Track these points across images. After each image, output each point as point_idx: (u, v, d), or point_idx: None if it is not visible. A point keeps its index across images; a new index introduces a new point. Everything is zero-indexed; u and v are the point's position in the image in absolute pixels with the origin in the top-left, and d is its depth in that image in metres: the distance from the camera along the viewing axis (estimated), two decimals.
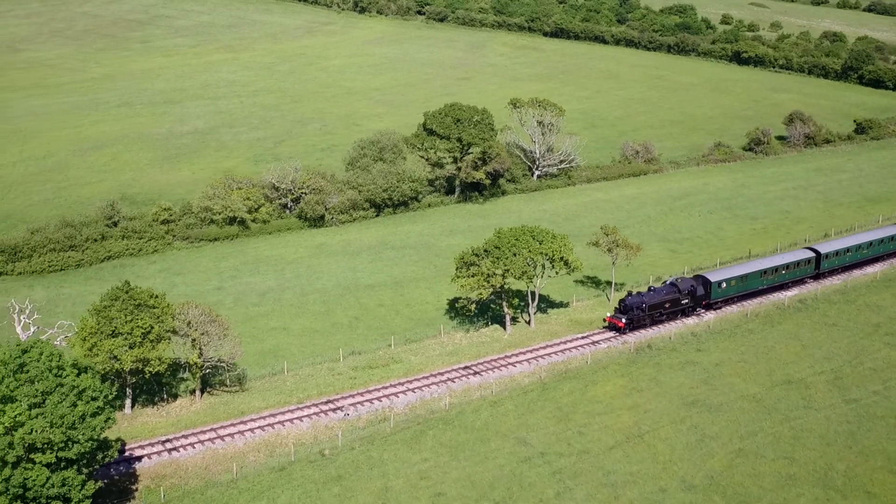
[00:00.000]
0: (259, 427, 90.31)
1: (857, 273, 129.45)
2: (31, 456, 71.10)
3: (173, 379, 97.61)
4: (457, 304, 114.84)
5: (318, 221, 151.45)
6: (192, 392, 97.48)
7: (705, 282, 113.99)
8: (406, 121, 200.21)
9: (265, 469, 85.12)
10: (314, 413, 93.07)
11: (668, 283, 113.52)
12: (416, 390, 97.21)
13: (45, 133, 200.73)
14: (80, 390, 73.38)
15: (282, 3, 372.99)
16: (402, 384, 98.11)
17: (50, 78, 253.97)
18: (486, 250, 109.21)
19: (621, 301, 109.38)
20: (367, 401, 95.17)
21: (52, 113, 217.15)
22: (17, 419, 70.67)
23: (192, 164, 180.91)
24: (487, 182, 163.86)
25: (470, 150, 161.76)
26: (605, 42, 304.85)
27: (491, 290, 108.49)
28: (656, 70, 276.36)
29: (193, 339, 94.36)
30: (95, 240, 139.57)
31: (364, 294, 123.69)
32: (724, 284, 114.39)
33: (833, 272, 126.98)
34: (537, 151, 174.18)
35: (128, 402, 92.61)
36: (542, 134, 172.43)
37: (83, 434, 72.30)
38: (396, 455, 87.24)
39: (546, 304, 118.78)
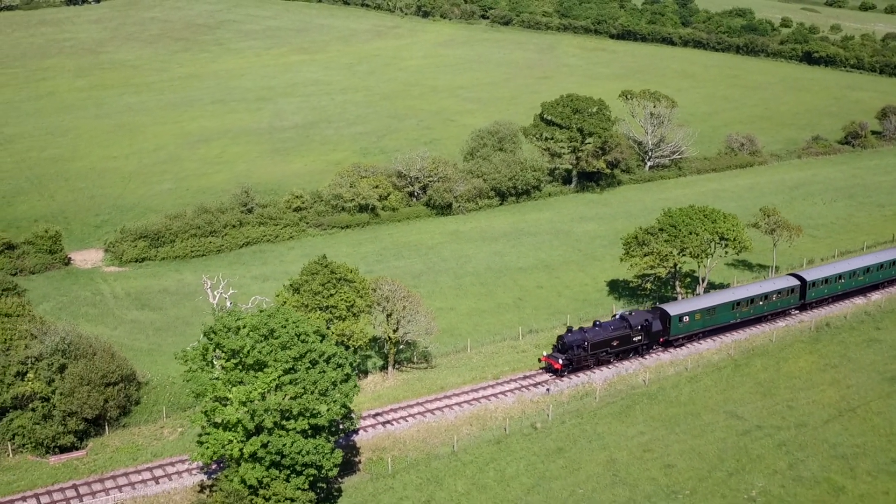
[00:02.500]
0: (466, 402, 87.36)
1: (847, 303, 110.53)
2: (284, 423, 68.23)
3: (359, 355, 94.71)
4: (630, 283, 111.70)
5: (445, 209, 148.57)
6: (382, 368, 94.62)
7: (664, 315, 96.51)
8: (497, 116, 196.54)
9: (481, 442, 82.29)
10: (516, 388, 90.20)
11: (617, 316, 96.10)
12: (610, 366, 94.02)
13: (149, 128, 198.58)
14: (329, 356, 70.50)
15: (345, 8, 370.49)
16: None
17: (137, 77, 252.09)
18: (661, 229, 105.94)
19: (559, 338, 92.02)
20: (564, 377, 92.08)
21: (149, 109, 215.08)
22: (272, 384, 67.88)
23: (302, 157, 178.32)
24: (607, 171, 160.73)
25: (588, 140, 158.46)
26: (672, 43, 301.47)
27: (665, 269, 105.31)
28: (729, 69, 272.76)
29: (389, 314, 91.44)
30: (234, 226, 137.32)
31: (518, 276, 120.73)
32: (685, 318, 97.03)
33: (822, 302, 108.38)
34: (649, 142, 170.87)
35: None
36: (654, 125, 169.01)
37: (334, 401, 69.42)
38: (610, 428, 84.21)
39: (706, 285, 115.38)
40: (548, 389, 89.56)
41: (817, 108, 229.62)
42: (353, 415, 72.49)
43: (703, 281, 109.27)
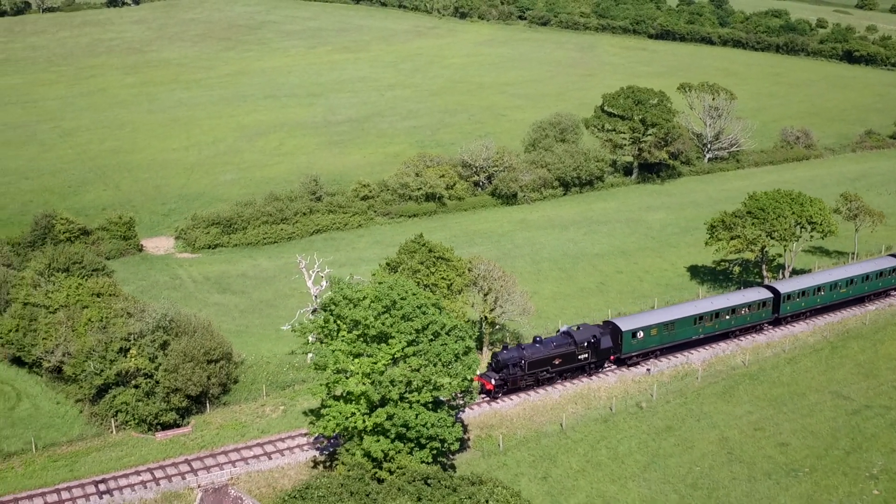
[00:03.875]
0: (570, 381, 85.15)
1: (833, 317, 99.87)
2: (407, 395, 66.32)
3: None
4: (718, 267, 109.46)
5: (510, 199, 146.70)
6: (478, 349, 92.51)
7: (615, 331, 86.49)
8: (546, 112, 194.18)
9: (587, 420, 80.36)
10: (616, 368, 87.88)
11: (561, 331, 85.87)
12: (707, 347, 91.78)
13: (203, 122, 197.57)
14: (449, 329, 68.53)
15: (383, 9, 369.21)
16: (689, 342, 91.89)
17: (185, 74, 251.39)
18: (748, 212, 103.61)
19: (494, 356, 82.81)
20: (663, 357, 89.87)
21: (201, 104, 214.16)
22: (396, 356, 65.98)
23: (359, 149, 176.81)
24: (670, 162, 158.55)
25: (650, 131, 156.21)
26: (711, 43, 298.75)
27: (753, 254, 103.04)
28: (770, 68, 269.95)
29: (486, 294, 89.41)
30: (304, 213, 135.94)
31: (596, 262, 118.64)
32: (639, 334, 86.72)
33: (798, 316, 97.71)
34: (708, 134, 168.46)
35: None
36: (713, 118, 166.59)
37: (458, 374, 67.45)
38: (716, 408, 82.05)
39: (791, 270, 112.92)
40: (648, 370, 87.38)
41: (864, 105, 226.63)
42: (472, 388, 70.32)
43: (787, 266, 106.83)
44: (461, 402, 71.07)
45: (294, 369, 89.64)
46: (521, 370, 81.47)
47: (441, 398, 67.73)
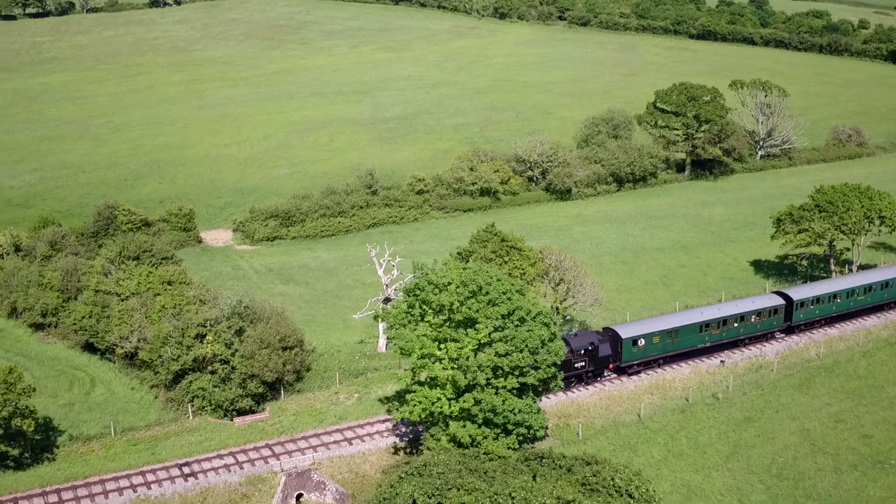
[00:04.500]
0: (644, 372, 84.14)
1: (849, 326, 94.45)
2: (493, 381, 65.67)
3: None
4: (785, 260, 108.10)
5: (564, 194, 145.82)
6: None
7: (615, 338, 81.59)
8: (592, 110, 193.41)
9: (664, 410, 79.42)
10: (690, 359, 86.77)
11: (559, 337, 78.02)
12: (779, 340, 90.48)
13: (253, 118, 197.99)
14: (535, 315, 67.78)
15: (422, 10, 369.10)
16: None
17: (231, 72, 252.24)
18: (816, 205, 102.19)
19: None
20: (735, 350, 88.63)
21: (249, 101, 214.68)
22: (483, 341, 65.32)
23: (409, 146, 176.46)
24: (723, 159, 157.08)
25: (704, 128, 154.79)
26: (753, 43, 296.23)
27: (822, 248, 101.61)
28: (814, 67, 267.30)
29: (557, 284, 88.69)
30: (361, 207, 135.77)
31: (658, 256, 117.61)
32: (640, 342, 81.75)
33: (812, 325, 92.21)
34: (760, 132, 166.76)
35: None
36: (766, 115, 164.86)
37: (545, 360, 66.72)
38: (794, 399, 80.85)
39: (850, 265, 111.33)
40: (722, 362, 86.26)
41: None
42: (555, 375, 69.52)
43: (855, 261, 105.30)
44: (551, 387, 70.28)
45: (366, 358, 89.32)
46: None
47: (529, 384, 66.97)
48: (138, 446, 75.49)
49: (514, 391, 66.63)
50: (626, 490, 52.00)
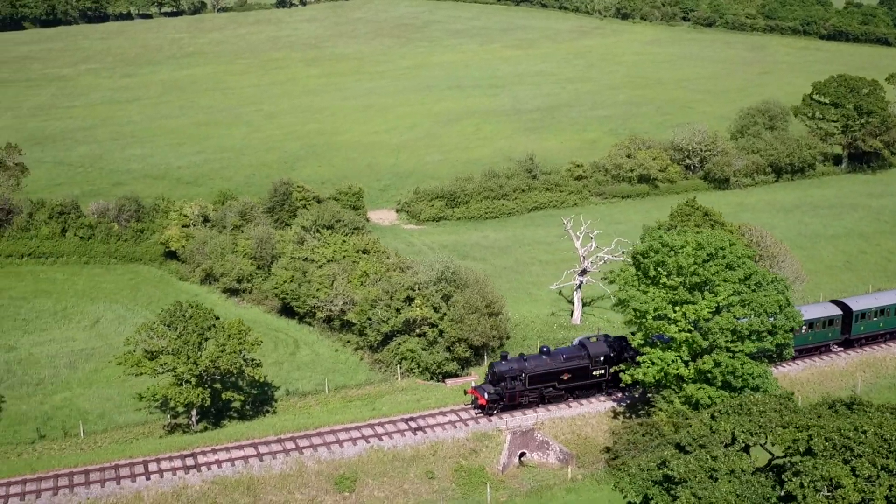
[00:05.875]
0: (861, 348, 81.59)
1: None
2: (730, 345, 64.17)
3: None
4: None
5: (722, 183, 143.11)
6: None
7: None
8: (731, 106, 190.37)
9: (880, 388, 76.91)
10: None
11: (575, 342, 75.63)
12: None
13: (396, 108, 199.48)
14: (771, 280, 66.10)
15: (543, 10, 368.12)
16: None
17: (366, 67, 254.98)
18: None
19: (491, 366, 72.19)
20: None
21: (389, 93, 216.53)
22: (721, 304, 63.87)
23: (555, 136, 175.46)
24: (884, 152, 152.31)
25: (866, 119, 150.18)
26: (887, 44, 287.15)
27: None
28: None
29: (758, 260, 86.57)
30: (523, 190, 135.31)
31: (835, 243, 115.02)
32: None
33: (873, 338, 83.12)
34: None
35: None
36: None
37: (782, 325, 64.98)
38: None
39: None
40: None
41: None
42: (791, 343, 67.72)
43: None
44: (775, 356, 68.63)
45: (563, 329, 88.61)
46: (520, 384, 70.68)
47: (765, 349, 65.44)
48: (354, 403, 76.26)
49: (749, 356, 65.10)
50: None
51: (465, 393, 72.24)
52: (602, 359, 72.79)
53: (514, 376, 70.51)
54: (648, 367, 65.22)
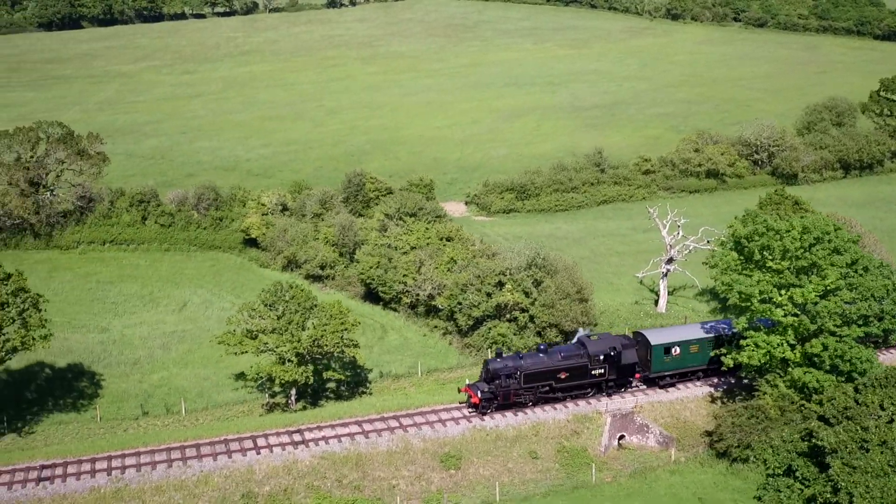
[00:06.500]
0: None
1: None
2: (837, 329, 63.48)
3: None
4: None
5: (790, 179, 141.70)
6: None
7: (644, 344, 70.93)
8: (790, 104, 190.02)
9: None
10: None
11: (575, 340, 72.30)
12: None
13: (456, 105, 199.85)
14: (878, 264, 65.41)
15: (593, 11, 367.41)
16: None
17: (421, 65, 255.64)
18: None
19: (485, 364, 68.59)
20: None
21: (447, 90, 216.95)
22: (829, 287, 63.20)
23: (616, 132, 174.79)
24: None
25: None
26: None
27: None
28: None
29: None
30: (592, 184, 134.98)
31: None
32: (675, 350, 70.52)
33: None
34: None
35: None
36: None
37: (891, 310, 64.24)
38: None
39: None
40: None
41: None
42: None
43: None
44: (881, 341, 67.82)
45: (649, 317, 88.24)
46: (515, 382, 67.32)
47: (872, 333, 64.75)
48: (447, 385, 76.28)
49: (855, 340, 64.45)
50: None
51: (459, 391, 69.58)
52: (602, 357, 68.82)
53: (509, 374, 67.16)
54: (753, 350, 64.67)
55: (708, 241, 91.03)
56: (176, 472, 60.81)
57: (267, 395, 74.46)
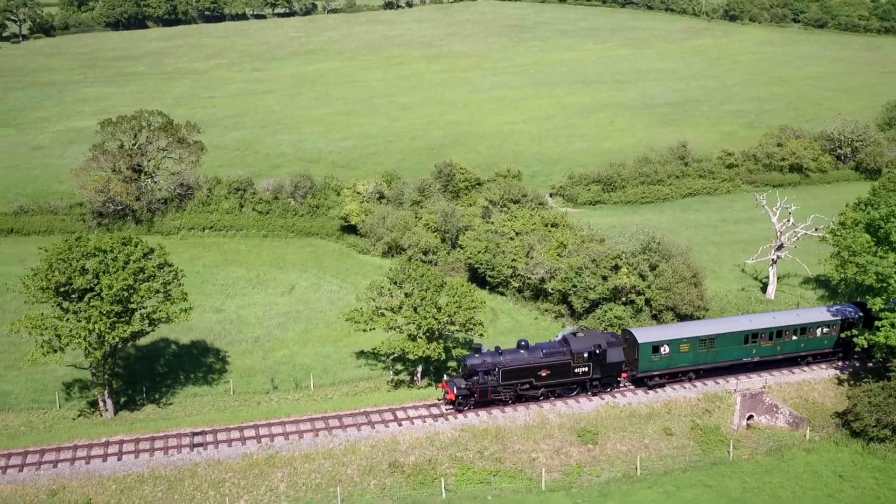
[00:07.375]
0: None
1: None
2: None
3: None
4: None
5: (874, 174, 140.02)
6: None
7: (631, 342, 68.45)
8: (861, 102, 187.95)
9: None
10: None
11: (559, 337, 68.63)
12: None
13: (527, 101, 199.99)
14: None
15: (649, 12, 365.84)
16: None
17: (485, 63, 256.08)
18: None
19: (463, 359, 66.74)
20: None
21: (516, 87, 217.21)
22: None
23: (691, 128, 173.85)
24: None
25: None
26: None
27: None
28: None
29: None
30: (677, 177, 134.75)
31: None
32: (664, 349, 68.02)
33: None
34: None
35: None
36: None
37: None
38: None
39: None
40: None
41: None
42: None
43: None
44: None
45: (759, 303, 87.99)
46: (494, 379, 64.89)
47: None
48: None
49: None
50: None
51: (436, 387, 68.51)
52: (586, 355, 66.14)
53: (487, 371, 64.73)
54: (889, 331, 64.30)
55: (817, 230, 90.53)
56: (323, 440, 61.70)
57: (391, 373, 75.16)
